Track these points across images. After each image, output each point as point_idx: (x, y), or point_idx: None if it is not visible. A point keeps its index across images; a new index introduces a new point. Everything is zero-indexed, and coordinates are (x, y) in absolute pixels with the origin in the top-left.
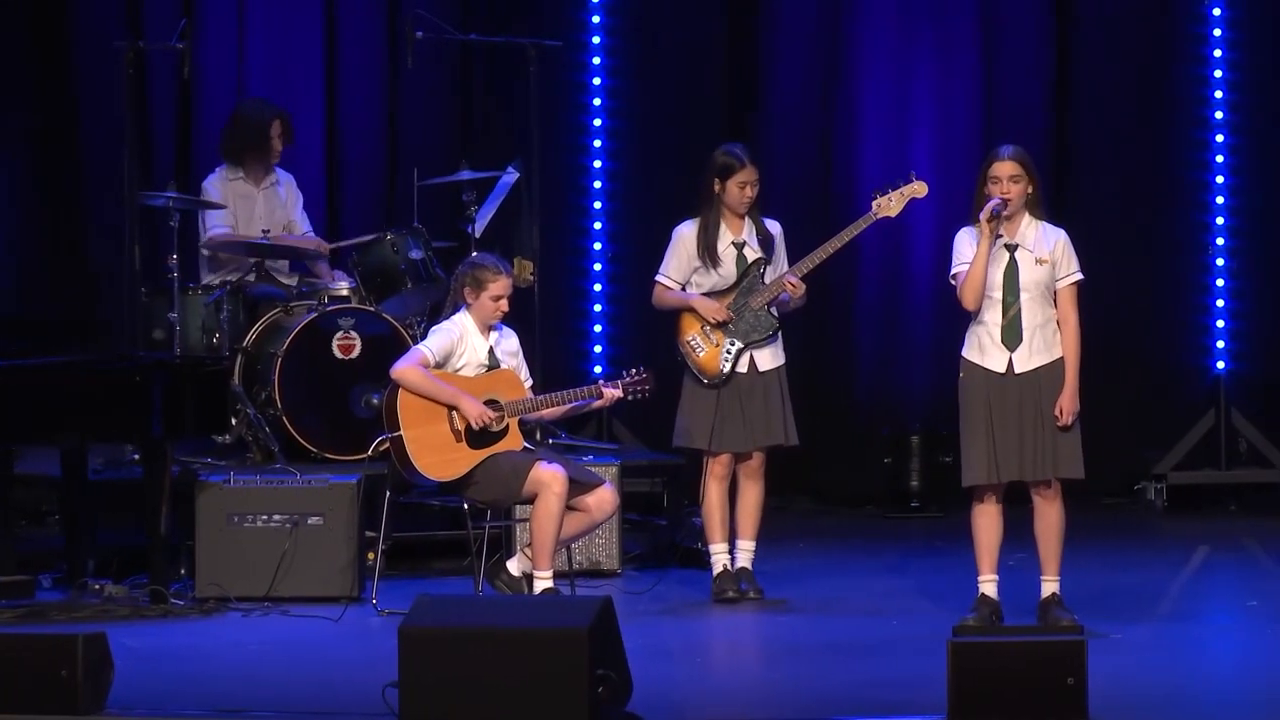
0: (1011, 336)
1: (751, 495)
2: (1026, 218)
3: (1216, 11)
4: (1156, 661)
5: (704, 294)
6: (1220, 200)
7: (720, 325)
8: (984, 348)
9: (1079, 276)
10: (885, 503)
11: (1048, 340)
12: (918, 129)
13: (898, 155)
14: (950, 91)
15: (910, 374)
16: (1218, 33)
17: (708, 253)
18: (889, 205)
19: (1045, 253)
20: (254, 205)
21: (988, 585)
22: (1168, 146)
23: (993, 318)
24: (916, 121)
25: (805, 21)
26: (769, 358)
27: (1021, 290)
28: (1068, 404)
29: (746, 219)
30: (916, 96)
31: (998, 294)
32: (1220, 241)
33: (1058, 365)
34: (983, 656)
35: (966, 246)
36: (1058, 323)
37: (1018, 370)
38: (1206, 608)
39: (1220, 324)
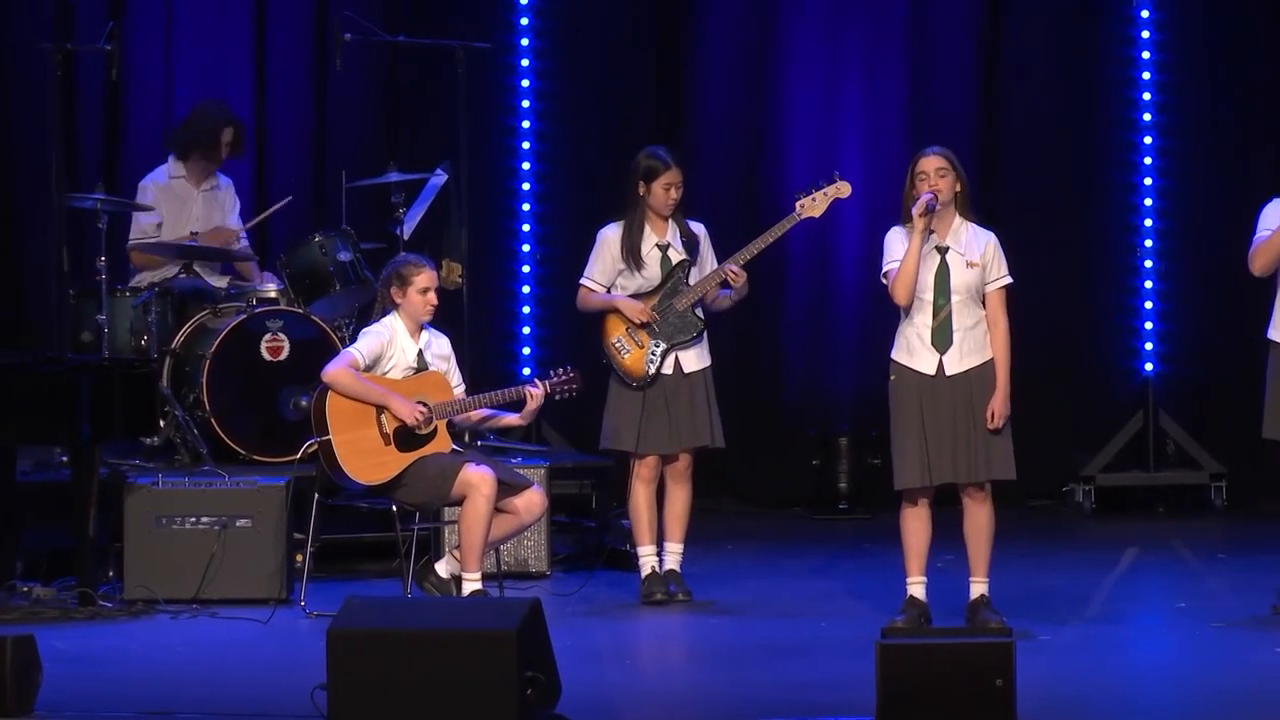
0: (942, 339)
1: (679, 497)
2: (957, 219)
3: (1145, 14)
4: (1085, 663)
5: (629, 296)
6: (1148, 202)
7: (645, 327)
8: (914, 350)
9: (1009, 280)
10: (813, 504)
11: (978, 342)
12: (846, 132)
13: (826, 158)
14: (878, 94)
15: (838, 375)
16: (1145, 35)
17: (632, 255)
18: (813, 206)
19: (976, 256)
20: (191, 206)
21: (916, 587)
22: (1096, 149)
23: (923, 320)
24: (844, 124)
25: (734, 23)
26: (694, 359)
27: (952, 293)
28: (999, 407)
29: (671, 221)
30: (845, 99)
31: (928, 296)
32: (1148, 244)
33: (988, 367)
34: (911, 658)
35: (898, 244)
36: (988, 325)
37: (949, 372)
38: (1134, 609)
39: (1148, 326)
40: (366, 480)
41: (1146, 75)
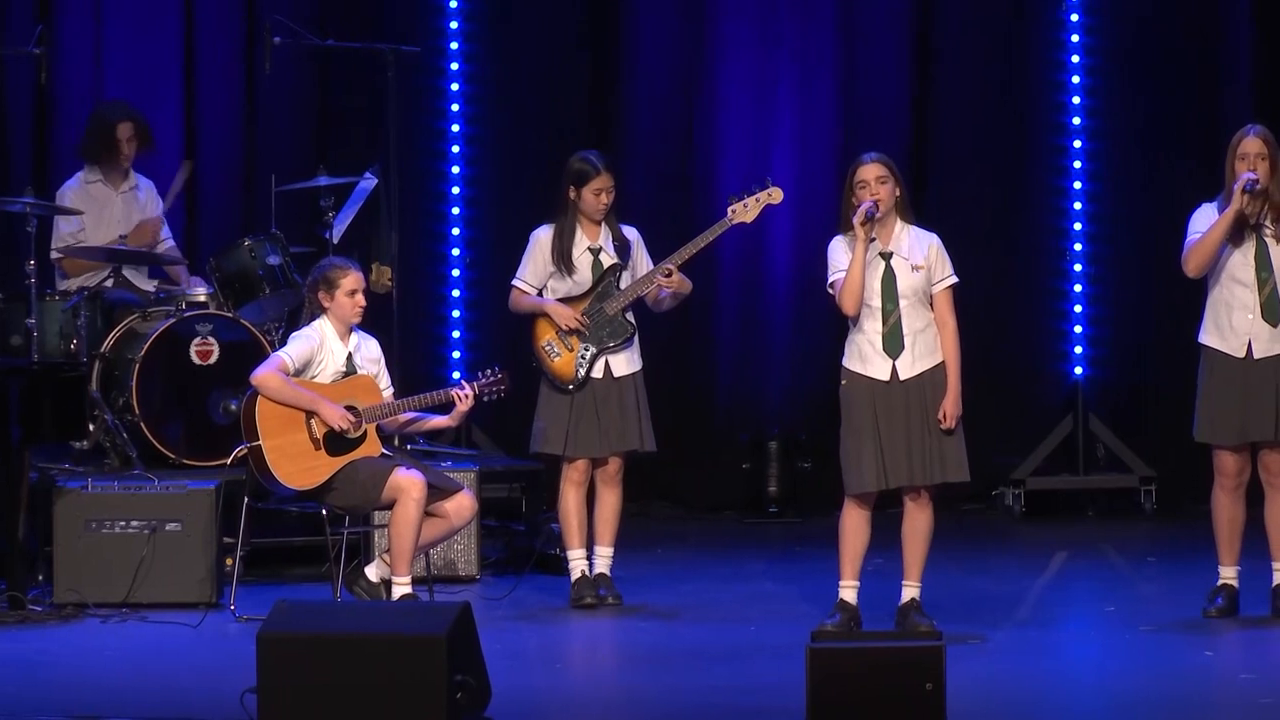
0: (893, 344)
1: (609, 501)
2: (899, 224)
3: (1075, 18)
4: (1015, 666)
5: (560, 299)
6: (1078, 206)
7: (575, 331)
8: (865, 357)
9: (954, 280)
10: (743, 508)
11: (929, 345)
12: (778, 136)
13: (758, 161)
14: (810, 99)
15: (769, 379)
16: (1075, 39)
17: (563, 259)
18: (744, 211)
19: (920, 258)
20: (112, 209)
21: (848, 591)
22: (1026, 152)
23: (873, 326)
24: (777, 129)
25: (667, 27)
26: (625, 363)
27: (900, 297)
28: (951, 408)
29: (603, 225)
30: (777, 104)
31: (876, 302)
32: (1078, 248)
33: (940, 369)
34: (841, 662)
35: (841, 254)
36: (937, 326)
37: (903, 377)
38: (1064, 613)
39: (1078, 330)
40: (297, 485)
41: (1076, 79)
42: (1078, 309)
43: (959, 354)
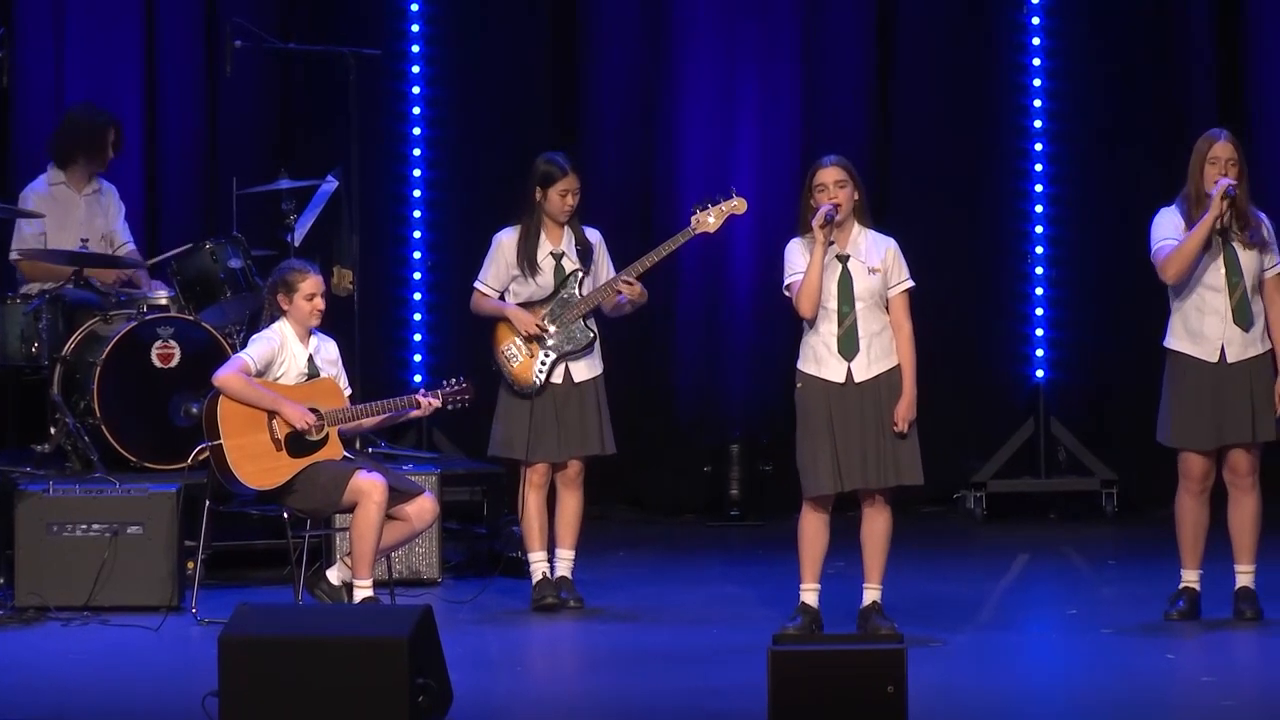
0: (849, 346)
1: (570, 504)
2: (856, 227)
3: (1036, 20)
4: (976, 669)
5: (521, 303)
6: (1039, 209)
7: (534, 337)
8: (820, 359)
9: (910, 284)
10: (705, 511)
11: (884, 348)
12: (739, 140)
13: (719, 167)
14: (772, 103)
15: (731, 383)
16: (1036, 41)
17: (526, 262)
18: (708, 221)
19: (877, 261)
20: (75, 212)
21: (809, 594)
22: (987, 156)
23: (828, 328)
24: (738, 132)
25: (628, 30)
26: (585, 368)
27: (856, 300)
28: (905, 411)
29: (567, 228)
30: (739, 108)
31: (832, 304)
32: (1039, 250)
33: (896, 372)
34: (803, 665)
35: (799, 256)
36: (892, 330)
37: (858, 379)
38: (1026, 616)
39: (1039, 333)
40: (258, 485)
41: (1038, 82)
42: (1039, 312)
43: (914, 358)
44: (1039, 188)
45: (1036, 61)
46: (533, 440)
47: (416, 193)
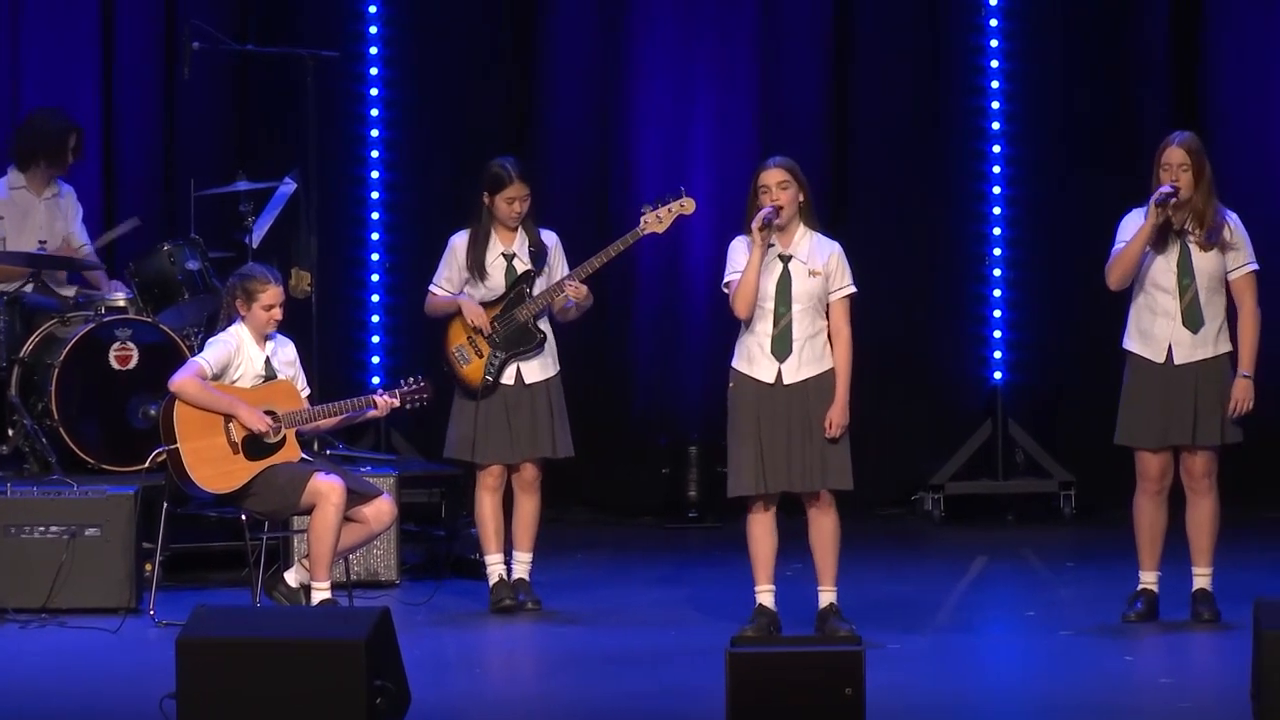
0: (782, 347)
1: (527, 507)
2: (800, 228)
3: (994, 22)
4: (935, 672)
5: None
6: (997, 211)
7: (485, 336)
8: (753, 358)
9: (852, 290)
10: (663, 513)
11: (817, 352)
12: (696, 141)
13: (676, 168)
14: (728, 104)
15: (688, 384)
16: (994, 43)
17: (475, 265)
18: (657, 222)
19: (819, 265)
20: (34, 215)
21: (765, 596)
22: (945, 157)
23: (764, 328)
24: (694, 133)
25: (585, 33)
26: (537, 370)
27: (794, 301)
28: (837, 416)
29: (520, 230)
30: (695, 109)
31: (769, 304)
32: (997, 252)
33: (827, 377)
34: (761, 667)
35: (739, 255)
36: (829, 335)
37: (786, 381)
38: (984, 618)
39: (997, 335)
40: (215, 489)
41: (995, 84)
42: (997, 314)
43: (850, 363)
44: (996, 189)
45: (994, 63)
46: (481, 442)
47: (374, 194)
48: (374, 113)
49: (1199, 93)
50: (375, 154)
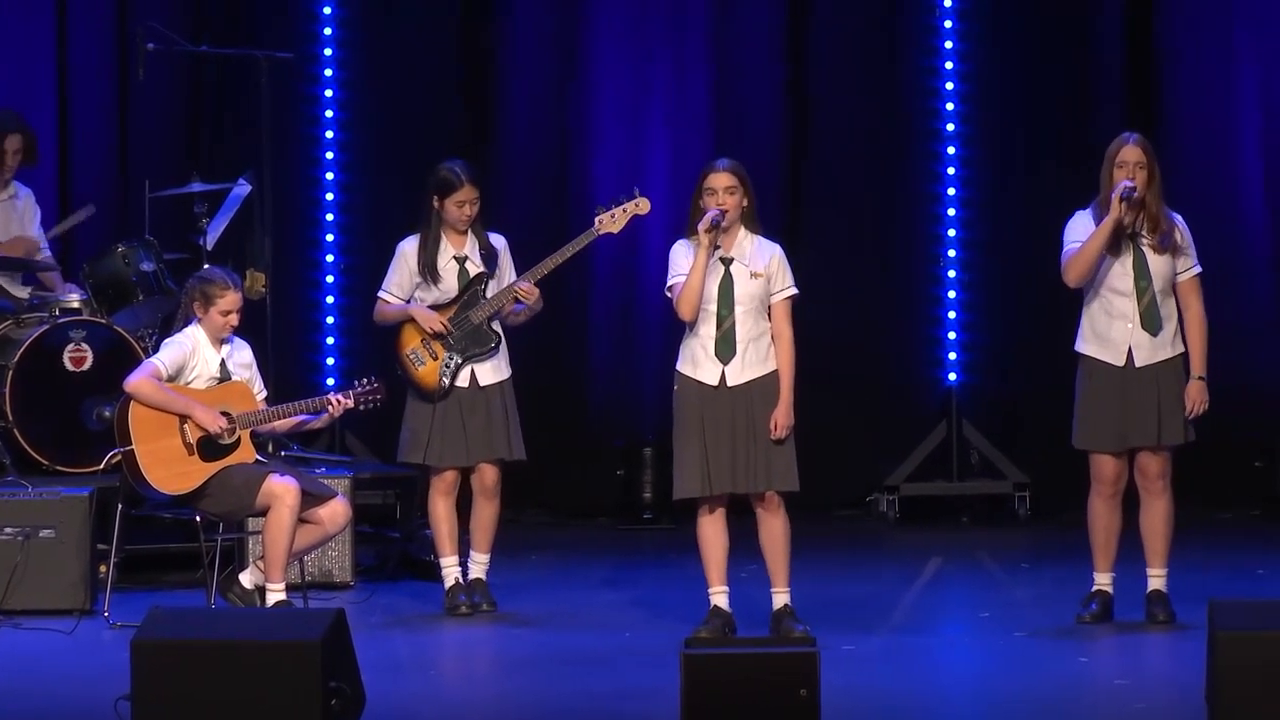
0: (725, 349)
1: (486, 511)
2: (742, 231)
3: (948, 24)
4: (889, 673)
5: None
6: (951, 212)
7: (440, 338)
8: (697, 361)
9: (794, 291)
10: (618, 514)
11: (761, 354)
12: (651, 143)
13: (631, 169)
14: (684, 110)
15: (642, 386)
16: (949, 44)
17: (428, 269)
18: (611, 222)
19: (761, 267)
20: None
21: (719, 597)
22: (900, 159)
23: (707, 331)
24: (650, 134)
25: (539, 35)
26: (491, 372)
27: (736, 303)
28: (782, 417)
29: (470, 233)
30: (651, 112)
31: (713, 307)
32: (952, 253)
33: (771, 379)
34: (715, 669)
35: (683, 258)
36: (772, 336)
37: (730, 383)
38: (939, 619)
39: (952, 336)
40: (170, 490)
41: (950, 85)
42: (951, 315)
43: (794, 365)
44: (951, 190)
45: (949, 64)
46: (436, 445)
47: (329, 195)
48: (328, 114)
49: (1154, 94)
50: (330, 155)
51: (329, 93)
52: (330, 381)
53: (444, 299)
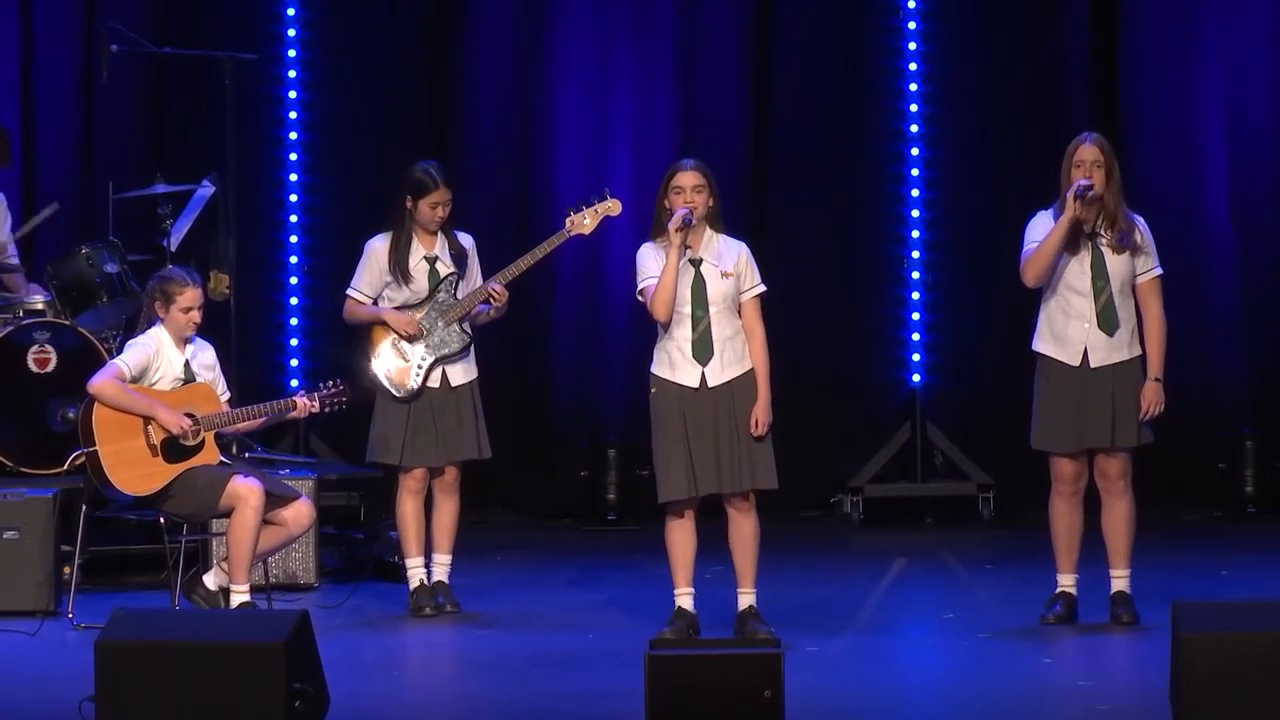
0: (703, 351)
1: (447, 509)
2: (709, 231)
3: (912, 25)
4: (853, 674)
5: (396, 308)
6: (916, 214)
7: (411, 339)
8: (675, 363)
9: (762, 288)
10: (582, 515)
11: (738, 352)
12: (616, 145)
13: (596, 172)
14: (650, 108)
15: (607, 387)
16: (913, 46)
17: (399, 268)
18: (583, 223)
19: (730, 266)
20: None
21: (684, 598)
22: (864, 159)
23: (682, 333)
24: (615, 138)
25: (505, 35)
26: (461, 372)
27: (710, 304)
28: (762, 415)
29: (440, 234)
30: (616, 113)
31: (686, 309)
32: (916, 255)
33: (749, 377)
34: (680, 670)
35: (651, 261)
36: (745, 334)
37: (711, 384)
38: (903, 620)
39: (915, 337)
40: (134, 491)
41: (914, 86)
42: (915, 316)
43: (768, 361)
44: (915, 192)
45: (913, 65)
46: (408, 445)
47: (293, 197)
48: (292, 115)
49: (1118, 95)
50: (294, 156)
51: (293, 94)
52: (294, 383)
53: (414, 299)
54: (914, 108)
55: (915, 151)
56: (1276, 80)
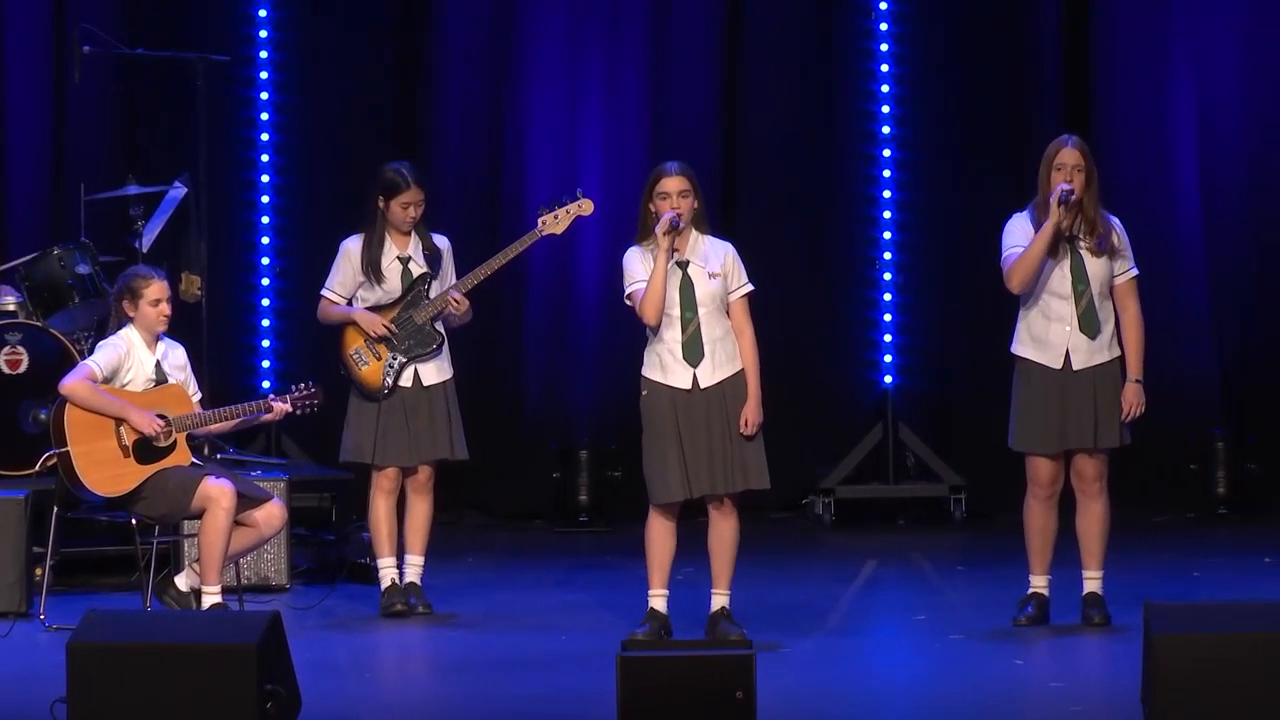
0: (693, 352)
1: (420, 510)
2: (695, 233)
3: (884, 27)
4: (825, 675)
5: (369, 308)
6: (887, 215)
7: (383, 339)
8: (666, 366)
9: (750, 287)
10: (553, 517)
11: (729, 353)
12: (587, 146)
13: (567, 172)
14: (620, 108)
15: (578, 388)
16: (885, 48)
17: (371, 268)
18: (554, 223)
19: (717, 266)
20: None
21: (658, 600)
22: (835, 160)
23: (672, 335)
24: (585, 139)
25: (476, 35)
26: (434, 372)
27: (699, 305)
28: (753, 414)
29: (414, 234)
30: (586, 113)
31: (675, 311)
32: (887, 256)
33: (740, 377)
34: (652, 671)
35: (638, 265)
36: (734, 334)
37: (703, 385)
38: (875, 621)
39: (887, 338)
40: (105, 492)
41: (885, 88)
42: (887, 318)
43: (758, 361)
44: (887, 194)
45: (885, 68)
46: (381, 445)
47: (265, 198)
48: (264, 116)
49: (1089, 96)
50: (265, 158)
51: (264, 95)
52: (266, 384)
53: (387, 299)
54: (885, 108)
55: (886, 152)
56: (1246, 81)
